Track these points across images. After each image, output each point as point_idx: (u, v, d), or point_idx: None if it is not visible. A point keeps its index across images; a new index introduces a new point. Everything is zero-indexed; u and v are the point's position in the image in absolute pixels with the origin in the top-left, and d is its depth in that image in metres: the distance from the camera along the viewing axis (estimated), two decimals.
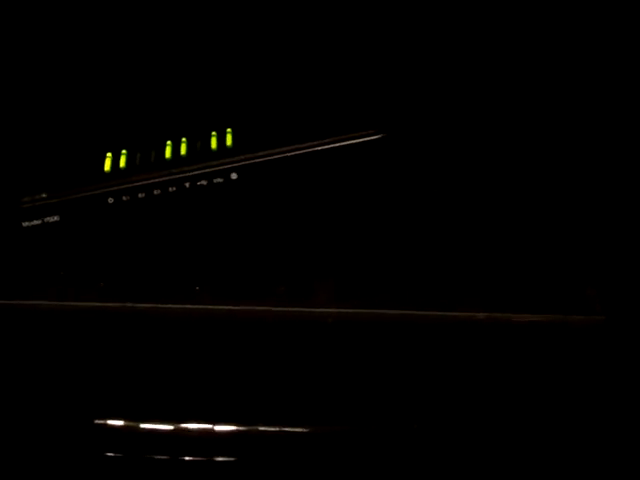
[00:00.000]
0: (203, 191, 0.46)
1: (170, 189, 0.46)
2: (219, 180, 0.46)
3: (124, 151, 0.47)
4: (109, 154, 0.47)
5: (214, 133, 0.48)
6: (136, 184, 0.46)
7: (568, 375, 0.45)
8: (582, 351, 0.45)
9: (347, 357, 0.45)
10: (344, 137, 0.46)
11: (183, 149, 0.47)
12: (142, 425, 0.45)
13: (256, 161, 0.46)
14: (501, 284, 0.46)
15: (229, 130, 0.48)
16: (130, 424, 0.45)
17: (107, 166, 0.47)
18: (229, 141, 0.47)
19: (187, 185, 0.46)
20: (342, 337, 0.45)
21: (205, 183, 0.46)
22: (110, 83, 0.54)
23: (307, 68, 0.54)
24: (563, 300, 0.45)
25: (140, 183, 0.46)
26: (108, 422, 0.45)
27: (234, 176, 0.46)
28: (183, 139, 0.47)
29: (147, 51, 0.55)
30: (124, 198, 0.46)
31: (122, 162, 0.47)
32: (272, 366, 0.46)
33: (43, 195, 0.46)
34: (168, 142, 0.47)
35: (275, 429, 0.45)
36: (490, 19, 0.55)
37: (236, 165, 0.46)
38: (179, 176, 0.46)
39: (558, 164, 0.52)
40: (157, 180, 0.46)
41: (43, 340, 0.45)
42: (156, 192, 0.46)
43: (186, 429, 0.45)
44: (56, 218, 0.46)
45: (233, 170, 0.46)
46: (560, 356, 0.45)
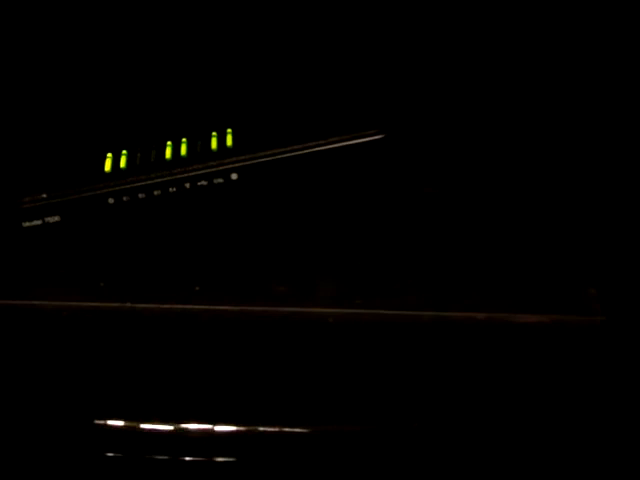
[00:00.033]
0: (203, 191, 0.46)
1: (170, 189, 0.46)
2: (219, 180, 0.46)
3: (124, 151, 0.47)
4: (109, 154, 0.47)
5: (214, 133, 0.48)
6: (136, 184, 0.46)
7: (568, 375, 0.45)
8: (582, 351, 0.45)
9: (347, 357, 0.45)
10: (345, 137, 0.46)
11: (183, 149, 0.47)
12: (142, 425, 0.45)
13: (256, 161, 0.46)
14: (501, 284, 0.46)
15: (229, 130, 0.48)
16: (130, 424, 0.45)
17: (107, 166, 0.47)
18: (229, 141, 0.47)
19: (187, 185, 0.46)
20: (342, 337, 0.45)
21: (205, 183, 0.46)
22: (110, 83, 0.54)
23: (308, 68, 0.54)
24: (563, 300, 0.45)
25: (140, 183, 0.46)
26: (108, 422, 0.45)
27: (234, 176, 0.46)
28: (183, 139, 0.47)
29: (148, 51, 0.55)
30: (124, 198, 0.46)
31: (122, 162, 0.47)
32: (272, 366, 0.45)
33: (44, 195, 0.46)
34: (168, 142, 0.47)
35: (275, 429, 0.45)
36: (491, 19, 0.55)
37: (236, 165, 0.46)
38: (179, 176, 0.46)
39: (558, 165, 0.52)
40: (157, 180, 0.46)
41: (43, 340, 0.45)
42: (156, 192, 0.46)
43: (186, 429, 0.45)
44: (56, 218, 0.46)
45: (233, 170, 0.46)
46: (560, 356, 0.45)
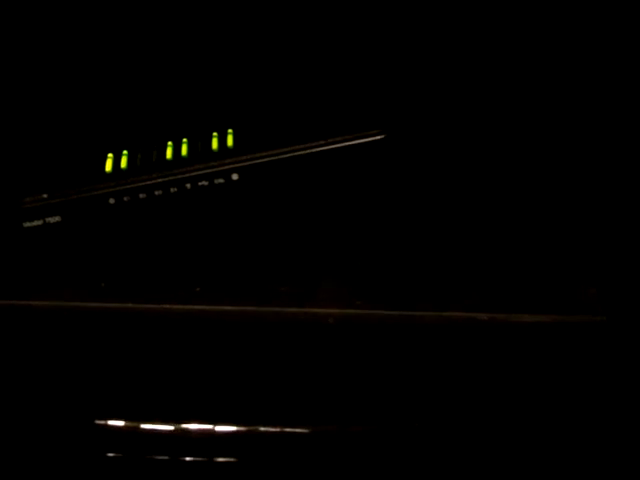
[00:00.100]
0: (204, 192, 0.46)
1: (171, 190, 0.46)
2: (220, 181, 0.46)
3: (125, 152, 0.47)
4: (110, 155, 0.47)
5: (215, 134, 0.48)
6: (137, 185, 0.46)
7: (569, 375, 0.45)
8: (582, 351, 0.45)
9: (348, 358, 0.45)
10: (347, 137, 0.46)
11: (184, 150, 0.47)
12: (142, 425, 0.45)
13: (257, 162, 0.46)
14: (502, 285, 0.46)
15: (230, 130, 0.48)
16: (130, 424, 0.45)
17: (108, 167, 0.47)
18: (230, 142, 0.47)
19: (188, 186, 0.46)
20: (343, 338, 0.45)
21: (206, 184, 0.46)
22: (111, 84, 0.54)
23: (309, 68, 0.54)
24: (563, 300, 0.45)
25: (141, 184, 0.46)
26: (109, 422, 0.45)
27: (235, 177, 0.46)
28: (184, 140, 0.47)
29: (148, 52, 0.55)
30: (125, 199, 0.46)
31: (123, 163, 0.47)
32: (273, 367, 0.46)
33: (44, 195, 0.46)
34: (169, 143, 0.47)
35: (275, 429, 0.45)
36: (492, 20, 0.55)
37: (237, 166, 0.46)
38: (180, 177, 0.46)
39: (558, 164, 0.52)
40: (158, 181, 0.46)
41: (43, 340, 0.45)
42: (157, 193, 0.46)
43: (186, 429, 0.45)
44: (57, 218, 0.46)
45: (234, 171, 0.46)
46: (560, 356, 0.45)
